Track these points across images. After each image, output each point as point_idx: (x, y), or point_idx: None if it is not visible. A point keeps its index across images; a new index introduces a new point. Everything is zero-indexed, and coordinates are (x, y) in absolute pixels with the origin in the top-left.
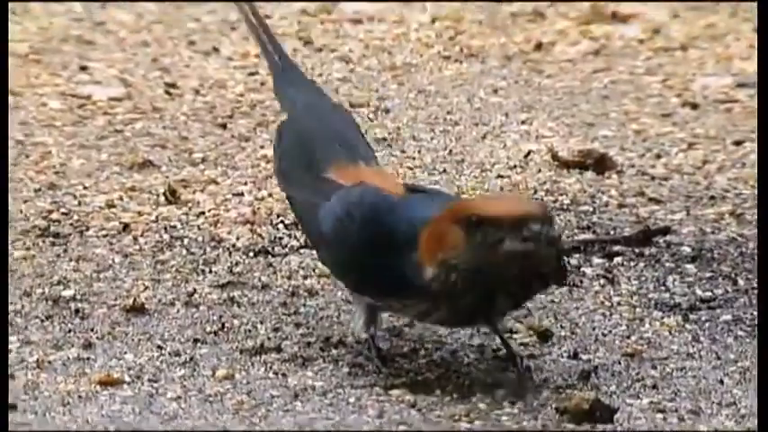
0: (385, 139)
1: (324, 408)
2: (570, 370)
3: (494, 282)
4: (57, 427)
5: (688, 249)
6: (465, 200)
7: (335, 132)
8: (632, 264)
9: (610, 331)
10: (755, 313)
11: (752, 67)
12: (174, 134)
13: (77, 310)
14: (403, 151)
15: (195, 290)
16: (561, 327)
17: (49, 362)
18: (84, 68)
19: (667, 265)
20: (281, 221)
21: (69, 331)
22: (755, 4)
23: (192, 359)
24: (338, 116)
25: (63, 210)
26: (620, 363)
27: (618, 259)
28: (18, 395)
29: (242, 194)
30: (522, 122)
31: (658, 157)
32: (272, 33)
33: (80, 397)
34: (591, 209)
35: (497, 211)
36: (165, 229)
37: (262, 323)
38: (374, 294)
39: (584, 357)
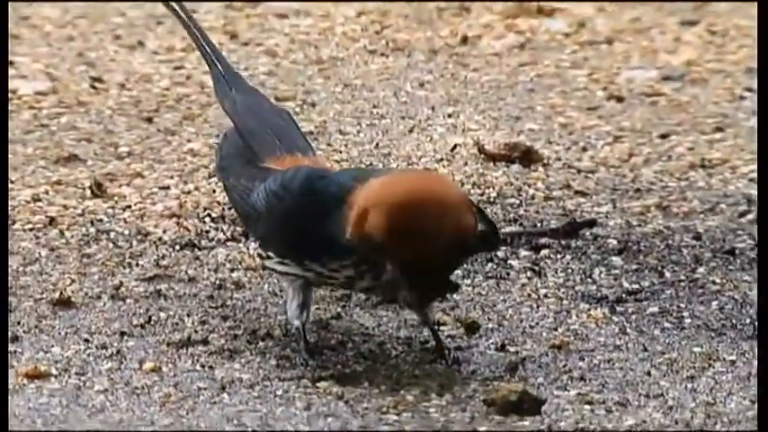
0: (311, 133)
1: (251, 400)
2: (498, 362)
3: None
4: None
5: (614, 242)
6: (391, 193)
7: (274, 128)
8: (559, 256)
9: (537, 323)
10: (682, 305)
11: (677, 60)
12: (99, 128)
13: None
14: (329, 144)
15: (122, 283)
16: (488, 319)
17: None
18: (10, 63)
19: (594, 257)
20: (208, 215)
21: None
22: None
23: (118, 352)
24: (277, 114)
25: None
26: (547, 355)
27: (545, 252)
28: None
29: (168, 188)
30: (449, 116)
31: (584, 150)
32: (209, 39)
33: (7, 390)
34: (517, 202)
35: (395, 245)
36: (92, 222)
37: (189, 316)
38: (305, 259)
39: (512, 349)
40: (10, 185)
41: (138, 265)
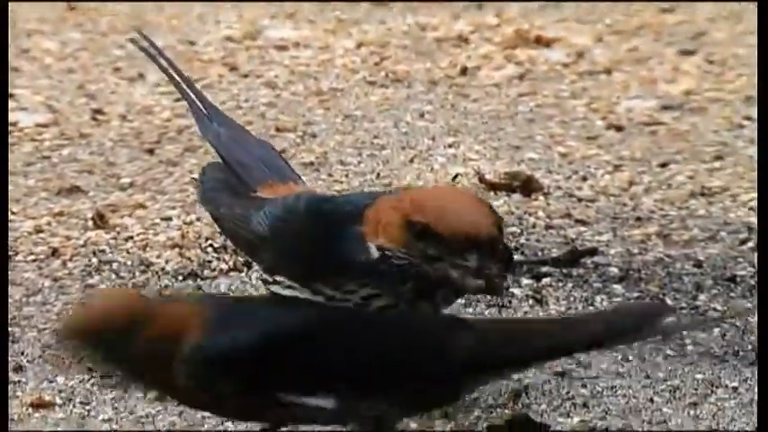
0: (312, 164)
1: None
2: (500, 389)
3: (428, 279)
4: None
5: (615, 270)
6: (421, 193)
7: (261, 158)
8: (560, 284)
9: None
10: (684, 332)
11: (676, 89)
12: (101, 160)
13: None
14: (330, 175)
15: None
16: None
17: None
18: (10, 95)
19: (595, 285)
20: (210, 245)
21: None
22: (677, 28)
23: (122, 381)
24: (262, 146)
25: None
26: (550, 382)
27: (546, 280)
28: None
29: (170, 219)
30: (449, 146)
31: (584, 179)
32: (184, 74)
33: (12, 420)
34: (518, 230)
35: (444, 226)
36: (94, 253)
37: None
38: (317, 282)
39: (515, 376)
40: (12, 217)
41: None
